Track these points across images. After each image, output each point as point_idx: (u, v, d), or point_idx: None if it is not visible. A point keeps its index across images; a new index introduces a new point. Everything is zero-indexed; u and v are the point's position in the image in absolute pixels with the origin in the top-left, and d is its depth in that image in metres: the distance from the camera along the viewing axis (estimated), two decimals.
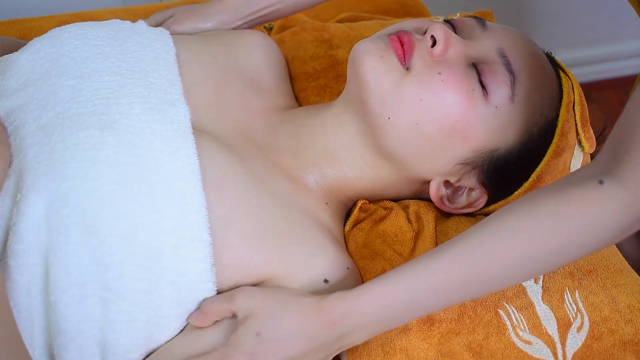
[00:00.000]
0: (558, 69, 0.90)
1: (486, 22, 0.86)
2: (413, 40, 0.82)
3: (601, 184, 0.67)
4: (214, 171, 0.77)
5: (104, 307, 0.72)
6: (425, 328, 0.80)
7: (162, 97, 0.80)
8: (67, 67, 0.81)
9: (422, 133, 0.81)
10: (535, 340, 0.80)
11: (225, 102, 0.88)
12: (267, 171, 0.83)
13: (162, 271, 0.73)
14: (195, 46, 0.91)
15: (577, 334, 0.80)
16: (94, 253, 0.71)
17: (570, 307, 0.81)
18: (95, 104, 0.77)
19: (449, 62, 0.81)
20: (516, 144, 0.84)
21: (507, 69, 0.81)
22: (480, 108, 0.80)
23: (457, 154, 0.83)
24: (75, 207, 0.71)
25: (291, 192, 0.83)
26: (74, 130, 0.74)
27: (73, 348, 0.72)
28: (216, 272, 0.75)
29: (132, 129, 0.75)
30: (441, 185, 0.86)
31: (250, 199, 0.78)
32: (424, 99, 0.80)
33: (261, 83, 0.94)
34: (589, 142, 0.89)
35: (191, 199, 0.74)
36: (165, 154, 0.75)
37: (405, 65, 0.81)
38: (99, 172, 0.72)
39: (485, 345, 0.79)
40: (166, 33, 0.89)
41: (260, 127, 0.88)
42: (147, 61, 0.83)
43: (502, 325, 0.80)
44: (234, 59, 0.93)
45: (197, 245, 0.73)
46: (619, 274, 0.85)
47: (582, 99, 0.89)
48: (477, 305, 0.81)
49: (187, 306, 0.75)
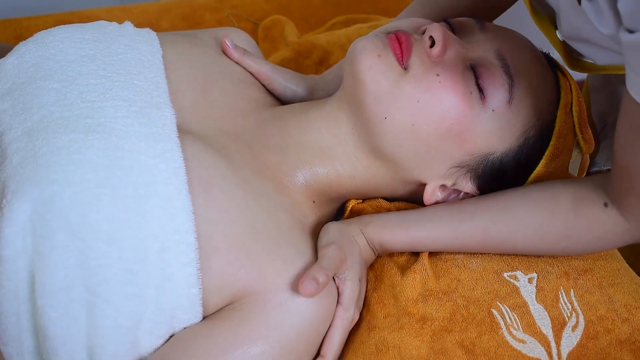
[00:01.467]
0: (556, 69, 0.90)
1: (485, 23, 0.86)
2: (411, 40, 0.82)
3: (606, 206, 0.77)
4: (200, 174, 0.77)
5: (90, 312, 0.72)
6: (418, 326, 0.80)
7: (148, 100, 0.80)
8: (52, 71, 0.81)
9: (417, 134, 0.81)
10: (529, 339, 0.79)
11: (213, 101, 0.88)
12: (254, 171, 0.83)
13: (148, 275, 0.72)
14: (182, 47, 0.91)
15: (572, 333, 0.79)
16: (79, 257, 0.71)
17: (565, 307, 0.81)
18: (80, 107, 0.77)
19: (447, 63, 0.81)
20: (512, 147, 0.83)
21: (505, 72, 0.81)
22: (477, 111, 0.80)
23: (452, 156, 0.83)
24: (59, 211, 0.71)
25: (277, 192, 0.83)
26: (58, 134, 0.74)
27: (62, 352, 0.72)
28: (202, 277, 0.74)
29: (117, 133, 0.75)
30: (436, 190, 0.86)
31: (237, 202, 0.78)
32: (421, 100, 0.79)
33: (248, 81, 0.94)
34: (587, 144, 0.88)
35: (177, 202, 0.74)
36: (151, 157, 0.75)
37: (403, 65, 0.81)
38: (83, 176, 0.72)
39: (478, 343, 0.79)
40: (153, 34, 0.89)
41: (249, 125, 0.88)
42: (133, 64, 0.83)
43: (495, 324, 0.80)
44: (220, 59, 0.94)
45: (183, 249, 0.73)
46: (616, 273, 0.84)
47: (580, 99, 0.88)
48: (469, 304, 0.81)
49: (171, 312, 0.74)
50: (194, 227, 0.74)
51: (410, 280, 0.83)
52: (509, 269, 0.84)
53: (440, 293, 0.82)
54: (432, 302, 0.81)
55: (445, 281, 0.83)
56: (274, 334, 0.76)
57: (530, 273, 0.84)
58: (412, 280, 0.83)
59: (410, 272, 0.84)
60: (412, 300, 0.82)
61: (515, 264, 0.85)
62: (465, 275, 0.84)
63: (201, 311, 0.75)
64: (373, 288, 0.85)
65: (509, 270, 0.84)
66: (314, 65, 1.14)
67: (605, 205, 0.78)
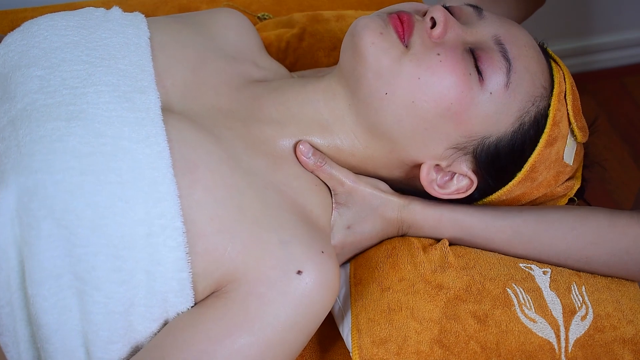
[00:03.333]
0: (550, 59, 0.91)
1: (483, 11, 0.87)
2: (413, 20, 0.83)
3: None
4: (186, 154, 0.76)
5: (81, 299, 0.71)
6: (433, 293, 0.82)
7: (132, 84, 0.79)
8: (36, 58, 0.80)
9: (417, 111, 0.81)
10: (540, 320, 0.81)
11: (205, 78, 0.87)
12: (246, 148, 0.82)
13: (137, 261, 0.72)
14: (171, 27, 0.90)
15: (581, 322, 0.82)
16: (65, 245, 0.70)
17: (577, 298, 0.83)
18: (63, 94, 0.76)
19: (448, 44, 0.81)
20: (508, 132, 0.84)
21: (503, 56, 0.82)
22: (476, 93, 0.81)
23: (449, 137, 0.83)
24: (43, 200, 0.70)
25: (269, 169, 0.82)
26: (41, 122, 0.74)
27: (55, 340, 0.72)
28: (191, 261, 0.73)
29: (100, 118, 0.74)
30: (432, 169, 0.85)
31: (224, 181, 0.77)
32: (422, 77, 0.80)
33: (241, 57, 0.93)
34: (581, 132, 0.89)
35: (162, 187, 0.73)
36: (134, 142, 0.74)
37: (405, 43, 0.81)
38: (66, 164, 0.71)
39: (490, 315, 0.81)
40: (140, 17, 0.88)
41: (244, 100, 0.87)
42: (118, 47, 0.82)
43: (509, 300, 0.82)
44: (210, 37, 0.92)
45: (170, 233, 0.72)
46: (623, 283, 0.88)
47: (574, 88, 0.89)
48: (485, 281, 0.83)
49: (162, 296, 0.74)
50: (180, 211, 0.73)
51: (431, 254, 0.85)
52: (525, 262, 0.87)
53: (458, 267, 0.84)
54: (449, 273, 0.83)
55: (464, 260, 0.86)
56: (256, 325, 0.74)
57: (545, 268, 0.86)
58: (432, 254, 0.85)
59: (431, 249, 0.86)
60: (430, 269, 0.84)
61: (530, 262, 0.88)
62: (483, 258, 0.86)
63: (192, 294, 0.75)
64: (388, 255, 0.86)
65: (524, 263, 0.87)
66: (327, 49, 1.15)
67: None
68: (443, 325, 0.80)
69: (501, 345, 0.79)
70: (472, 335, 0.79)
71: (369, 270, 0.85)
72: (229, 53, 0.92)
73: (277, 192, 0.81)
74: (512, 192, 0.88)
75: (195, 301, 0.76)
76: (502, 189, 0.88)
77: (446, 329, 0.79)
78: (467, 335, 0.79)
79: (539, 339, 0.80)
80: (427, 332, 0.79)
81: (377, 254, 0.87)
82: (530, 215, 0.87)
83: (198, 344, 0.73)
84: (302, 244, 0.77)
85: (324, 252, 0.78)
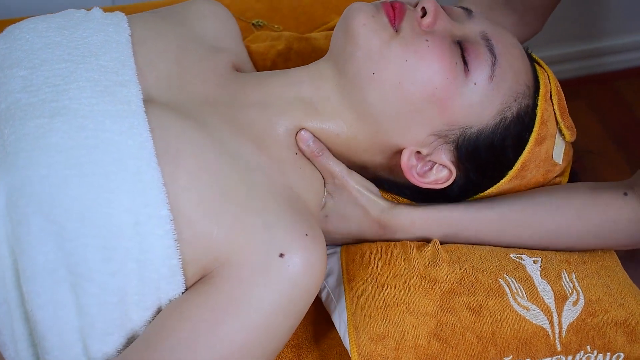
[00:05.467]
0: (534, 63, 0.93)
1: (472, 12, 0.90)
2: (404, 7, 0.86)
3: (625, 195, 0.85)
4: (169, 142, 0.77)
5: (75, 293, 0.72)
6: (428, 287, 0.83)
7: (114, 79, 0.80)
8: (19, 59, 0.81)
9: (402, 93, 0.83)
10: (532, 307, 0.83)
11: (188, 68, 0.88)
12: (231, 132, 0.83)
13: (126, 251, 0.72)
14: (150, 21, 0.92)
15: (573, 307, 0.83)
16: (56, 240, 0.71)
17: (567, 284, 0.85)
18: (46, 92, 0.77)
19: (436, 33, 0.84)
20: (489, 124, 0.86)
21: (489, 51, 0.85)
22: (460, 82, 0.83)
23: (432, 123, 0.85)
24: (31, 196, 0.71)
25: (253, 153, 0.83)
26: (24, 120, 0.75)
27: (52, 336, 0.73)
28: (179, 248, 0.74)
29: (82, 113, 0.75)
30: (412, 156, 0.87)
31: (208, 166, 0.78)
32: (410, 60, 0.82)
33: (220, 46, 0.95)
34: (569, 131, 0.91)
35: (146, 176, 0.74)
36: (117, 134, 0.75)
37: (395, 27, 0.84)
38: (50, 159, 0.72)
39: (484, 306, 0.82)
40: (121, 15, 0.89)
41: (228, 86, 0.88)
42: (99, 45, 0.83)
43: (502, 291, 0.84)
44: (189, 27, 0.94)
45: (157, 221, 0.73)
46: (612, 268, 0.90)
47: (559, 89, 0.92)
48: (478, 273, 0.85)
49: (154, 284, 0.74)
50: (166, 199, 0.74)
51: (423, 251, 0.87)
52: (515, 252, 0.89)
53: (451, 262, 0.86)
54: (442, 267, 0.85)
55: (456, 254, 0.87)
56: (240, 309, 0.75)
57: (535, 257, 0.88)
58: (424, 251, 0.87)
59: (423, 246, 0.88)
60: (423, 264, 0.85)
61: (520, 251, 0.89)
62: (474, 252, 0.88)
63: (183, 280, 0.76)
64: (381, 252, 0.88)
65: (515, 253, 0.89)
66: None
67: (625, 194, 0.85)
68: (439, 319, 0.81)
69: (497, 335, 0.81)
70: (467, 327, 0.81)
71: (363, 267, 0.87)
72: (209, 41, 0.94)
73: (263, 176, 0.82)
74: (501, 189, 0.90)
75: (186, 287, 0.77)
76: (493, 186, 0.90)
77: (442, 321, 0.81)
78: (463, 326, 0.81)
79: (533, 325, 0.81)
80: (424, 326, 0.81)
81: (370, 251, 0.88)
82: (515, 202, 0.89)
83: (184, 331, 0.74)
84: (286, 226, 0.78)
85: (308, 235, 0.78)
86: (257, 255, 0.76)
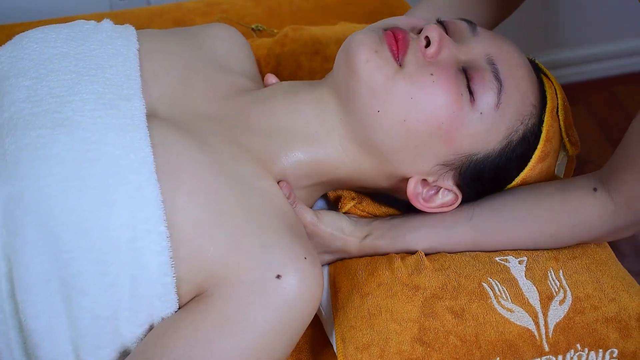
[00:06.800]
0: (541, 74, 0.92)
1: (477, 27, 0.88)
2: (407, 37, 0.83)
3: (595, 191, 0.82)
4: (169, 160, 0.77)
5: (68, 304, 0.72)
6: (410, 294, 0.83)
7: (118, 92, 0.80)
8: (25, 69, 0.81)
9: (408, 130, 0.82)
10: (517, 309, 0.82)
11: (194, 87, 0.88)
12: (232, 154, 0.82)
13: (121, 265, 0.72)
14: (161, 38, 0.92)
15: (560, 307, 0.82)
16: (51, 251, 0.71)
17: (553, 283, 0.84)
18: (49, 102, 0.77)
19: (441, 64, 0.82)
20: (495, 149, 0.86)
21: (495, 77, 0.83)
22: (467, 112, 0.82)
23: (438, 154, 0.84)
24: (28, 207, 0.71)
25: (255, 176, 0.82)
26: (26, 130, 0.75)
27: (45, 346, 0.73)
28: (174, 266, 0.74)
29: (84, 125, 0.75)
30: (418, 184, 0.87)
31: (207, 186, 0.77)
32: (415, 97, 0.81)
33: (229, 68, 0.95)
34: (573, 146, 0.92)
35: (145, 191, 0.74)
36: (118, 148, 0.75)
37: (399, 62, 0.82)
38: (50, 170, 0.72)
39: (467, 309, 0.82)
40: (131, 29, 0.89)
41: (232, 108, 0.87)
42: (106, 58, 0.84)
43: (485, 293, 0.83)
44: (199, 47, 0.94)
45: (154, 237, 0.73)
46: (604, 261, 0.88)
47: (566, 103, 0.91)
48: (460, 278, 0.84)
49: (147, 300, 0.74)
50: (164, 216, 0.74)
51: (407, 260, 0.87)
52: (501, 255, 0.88)
53: (433, 269, 0.85)
54: (425, 274, 0.85)
55: (439, 262, 0.87)
56: (234, 329, 0.74)
57: (521, 257, 0.87)
58: (408, 260, 0.87)
59: (407, 257, 0.88)
60: (406, 273, 0.85)
61: (506, 252, 0.88)
62: (457, 259, 0.87)
63: (176, 299, 0.76)
64: (366, 263, 0.88)
65: (500, 255, 0.88)
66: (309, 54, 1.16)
67: (595, 189, 0.83)
68: (422, 324, 0.81)
69: (480, 337, 0.80)
70: (450, 330, 0.80)
71: (349, 278, 0.87)
72: (218, 62, 0.94)
73: (262, 198, 0.81)
74: None
75: (179, 305, 0.77)
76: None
77: (425, 326, 0.81)
78: (446, 330, 0.80)
79: (518, 327, 0.80)
80: (407, 331, 0.80)
81: (356, 263, 0.89)
82: (484, 212, 0.87)
83: (178, 349, 0.74)
84: (283, 248, 0.77)
85: (306, 258, 0.77)
86: (254, 276, 0.75)
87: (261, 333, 0.75)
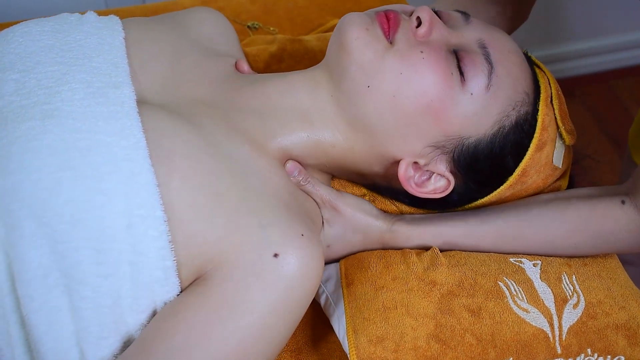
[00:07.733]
0: (534, 66, 0.92)
1: (470, 17, 0.89)
2: (399, 18, 0.84)
3: (623, 203, 0.84)
4: (163, 144, 0.76)
5: (69, 296, 0.72)
6: (427, 289, 0.83)
7: (106, 80, 0.80)
8: (12, 63, 0.81)
9: (398, 106, 0.82)
10: (532, 310, 0.82)
11: (183, 71, 0.88)
12: (227, 136, 0.82)
13: (119, 253, 0.72)
14: (145, 25, 0.92)
15: (573, 310, 0.83)
16: (49, 243, 0.71)
17: (567, 287, 0.84)
18: (38, 94, 0.77)
19: (432, 44, 0.83)
20: (487, 134, 0.85)
21: (485, 59, 0.83)
22: (457, 92, 0.82)
23: (429, 134, 0.84)
24: (23, 200, 0.71)
25: (250, 156, 0.82)
26: (16, 123, 0.74)
27: (47, 341, 0.72)
28: (174, 249, 0.74)
29: (74, 115, 0.75)
30: (410, 167, 0.86)
31: (202, 168, 0.77)
32: (404, 72, 0.81)
33: (217, 51, 0.94)
34: (569, 135, 0.91)
35: (140, 177, 0.73)
36: (110, 135, 0.74)
37: (389, 39, 0.83)
38: (42, 162, 0.72)
39: (484, 307, 0.82)
40: (115, 18, 0.89)
41: (225, 91, 0.87)
42: (92, 47, 0.83)
43: (501, 293, 0.83)
44: (186, 32, 0.94)
45: (151, 223, 0.73)
46: (613, 270, 0.89)
47: (559, 93, 0.91)
48: (477, 276, 0.84)
49: (148, 286, 0.74)
50: (160, 200, 0.73)
51: (422, 256, 0.87)
52: (515, 257, 0.89)
53: (450, 265, 0.86)
54: (441, 270, 0.85)
55: (454, 259, 0.87)
56: (235, 311, 0.74)
57: (535, 260, 0.88)
58: (423, 256, 0.87)
59: (422, 252, 0.88)
60: (422, 267, 0.85)
61: (520, 255, 0.89)
62: (473, 256, 0.88)
63: (178, 283, 0.75)
64: (380, 256, 0.88)
65: (514, 257, 0.88)
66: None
67: (623, 202, 0.84)
68: (438, 320, 0.81)
69: (496, 336, 0.80)
70: (467, 328, 0.80)
71: (361, 271, 0.87)
72: (206, 46, 0.94)
73: (259, 178, 0.81)
74: (501, 195, 0.90)
75: (182, 289, 0.76)
76: (493, 192, 0.90)
77: (441, 323, 0.81)
78: (462, 328, 0.80)
79: (533, 328, 0.81)
80: (423, 327, 0.80)
81: (369, 256, 0.88)
82: (510, 215, 0.88)
83: (178, 334, 0.73)
84: (280, 226, 0.77)
85: (303, 235, 0.77)
86: (251, 256, 0.75)
87: (261, 314, 0.74)
